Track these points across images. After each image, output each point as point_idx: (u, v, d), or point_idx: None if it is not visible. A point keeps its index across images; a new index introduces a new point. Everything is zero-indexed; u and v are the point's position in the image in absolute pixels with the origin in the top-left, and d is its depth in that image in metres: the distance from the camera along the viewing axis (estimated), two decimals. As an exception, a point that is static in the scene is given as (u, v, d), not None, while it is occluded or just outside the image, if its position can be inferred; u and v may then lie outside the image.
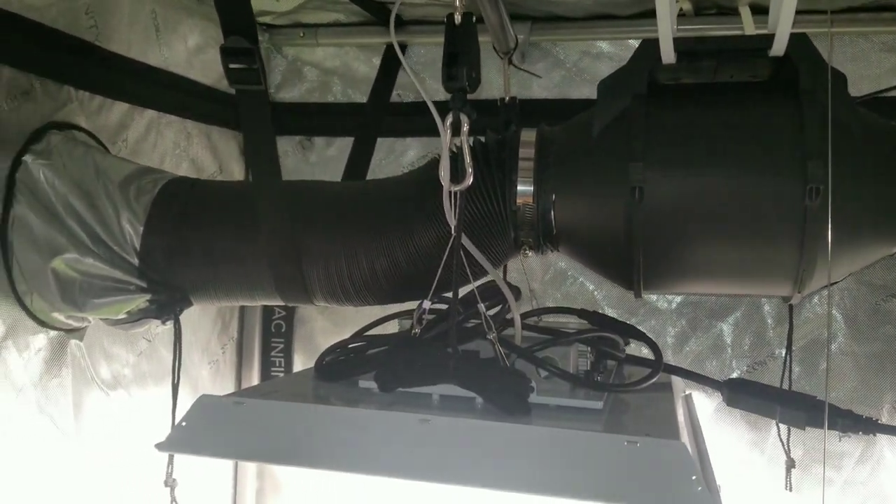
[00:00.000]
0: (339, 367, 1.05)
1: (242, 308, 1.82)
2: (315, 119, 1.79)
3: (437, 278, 0.97)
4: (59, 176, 1.13)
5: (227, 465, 1.77)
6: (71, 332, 1.24)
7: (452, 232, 0.95)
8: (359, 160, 1.57)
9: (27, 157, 1.13)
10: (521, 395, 0.89)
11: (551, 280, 1.69)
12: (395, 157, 1.77)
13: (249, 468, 1.80)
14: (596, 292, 1.69)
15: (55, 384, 1.21)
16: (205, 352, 1.67)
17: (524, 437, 0.81)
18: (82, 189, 1.14)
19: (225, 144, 1.72)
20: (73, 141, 1.21)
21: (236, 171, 1.76)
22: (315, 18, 1.72)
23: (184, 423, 0.88)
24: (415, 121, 1.73)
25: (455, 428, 0.82)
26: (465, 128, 0.95)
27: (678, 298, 1.65)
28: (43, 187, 1.13)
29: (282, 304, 1.23)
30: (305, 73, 1.82)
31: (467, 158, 0.94)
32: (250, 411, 0.88)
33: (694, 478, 0.74)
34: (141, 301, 1.16)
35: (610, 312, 1.67)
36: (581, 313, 1.14)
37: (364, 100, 1.78)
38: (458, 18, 0.92)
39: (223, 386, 1.75)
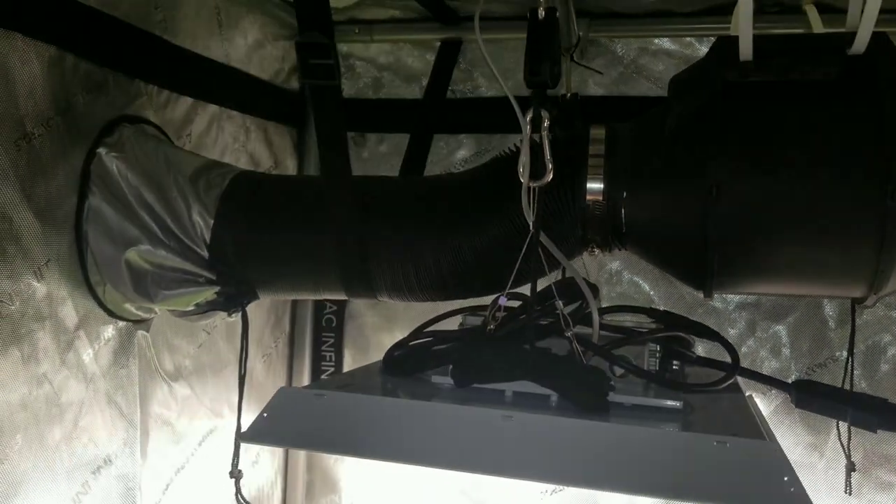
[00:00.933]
0: (409, 361, 1.05)
1: (295, 302, 1.83)
2: (368, 115, 1.80)
3: (514, 273, 0.96)
4: (131, 168, 1.15)
5: (278, 456, 1.78)
6: (138, 323, 1.25)
7: (530, 228, 0.95)
8: (416, 156, 1.57)
9: (101, 150, 1.14)
10: (601, 393, 0.88)
11: (606, 280, 1.69)
12: (447, 153, 1.76)
13: (300, 461, 1.81)
14: (652, 292, 1.68)
15: (123, 374, 1.23)
16: (259, 345, 1.68)
17: (610, 435, 0.81)
18: (154, 182, 1.15)
19: (280, 139, 1.73)
20: (144, 134, 1.22)
21: (290, 165, 1.77)
22: (371, 15, 1.72)
23: (265, 414, 0.88)
24: (468, 117, 1.73)
25: (539, 425, 0.82)
26: (546, 123, 0.95)
27: (736, 299, 1.63)
28: (116, 179, 1.14)
29: (345, 298, 1.23)
30: (358, 69, 1.83)
31: (548, 155, 0.94)
32: (331, 403, 0.88)
33: (786, 479, 0.74)
34: (209, 293, 1.17)
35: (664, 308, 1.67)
36: (650, 312, 1.14)
37: (416, 96, 1.79)
38: (541, 13, 0.92)
39: (275, 378, 1.77)
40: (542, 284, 0.96)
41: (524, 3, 1.58)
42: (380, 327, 1.82)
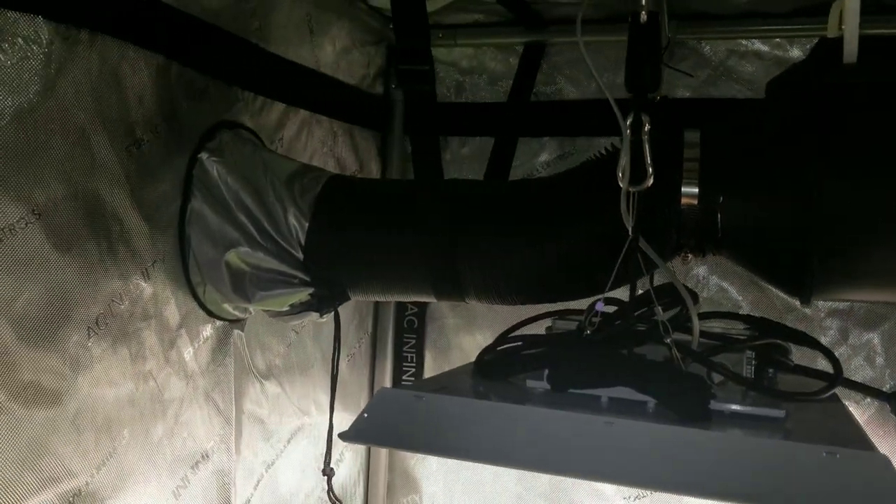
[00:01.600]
0: (503, 365, 1.06)
1: (377, 304, 1.85)
2: (451, 118, 1.81)
3: (612, 278, 0.96)
4: (231, 172, 1.18)
5: (360, 454, 1.81)
6: (234, 322, 1.29)
7: (629, 233, 0.94)
8: (501, 159, 1.58)
9: (202, 154, 1.18)
10: (702, 401, 0.87)
11: (693, 285, 1.66)
12: (530, 156, 1.76)
13: (381, 460, 1.83)
14: (741, 297, 1.65)
15: (220, 372, 1.26)
16: (343, 345, 1.70)
17: (714, 443, 0.80)
18: (252, 185, 1.18)
19: (365, 143, 1.75)
20: (241, 139, 1.25)
21: (374, 168, 1.80)
22: (455, 19, 1.73)
23: (366, 415, 0.90)
24: (552, 120, 1.73)
25: (641, 431, 0.82)
26: (647, 128, 0.94)
27: (827, 305, 1.59)
28: (216, 183, 1.18)
29: (434, 300, 1.24)
30: (441, 73, 1.84)
31: (648, 159, 0.94)
32: (430, 405, 0.89)
33: (899, 491, 0.72)
34: (304, 294, 1.20)
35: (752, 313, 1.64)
36: (747, 319, 1.12)
37: (498, 99, 1.79)
38: (643, 17, 0.92)
39: (359, 378, 1.80)
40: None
41: (609, 7, 1.57)
42: (461, 329, 1.83)
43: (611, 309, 1.00)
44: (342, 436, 0.90)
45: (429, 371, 1.85)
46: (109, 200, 1.01)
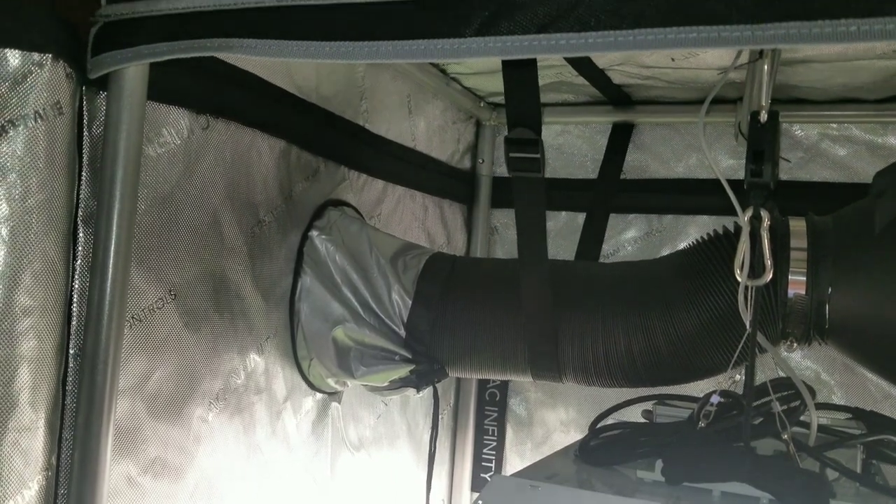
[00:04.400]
0: (611, 452, 1.06)
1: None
2: None
3: (730, 365, 0.96)
4: (339, 250, 1.22)
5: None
6: (333, 395, 1.32)
7: (747, 327, 0.95)
8: (593, 235, 1.60)
9: (313, 232, 1.23)
10: (821, 500, 0.86)
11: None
12: (616, 232, 1.78)
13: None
14: (831, 380, 1.63)
15: (319, 444, 1.29)
16: (427, 416, 1.72)
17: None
18: (358, 263, 1.22)
19: (453, 216, 1.79)
20: (348, 217, 1.30)
21: (461, 240, 1.84)
22: (546, 98, 1.78)
23: (480, 502, 0.91)
24: (641, 198, 1.74)
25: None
26: (767, 223, 0.95)
27: (927, 394, 1.56)
28: (325, 260, 1.22)
29: (531, 379, 1.25)
30: (528, 148, 1.87)
31: (767, 254, 0.95)
32: (546, 496, 0.90)
33: None
34: (404, 371, 1.22)
35: (844, 399, 1.61)
36: (856, 412, 1.11)
37: (585, 176, 1.82)
38: (763, 117, 0.94)
39: (441, 451, 1.80)
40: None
41: (698, 89, 1.60)
42: (543, 403, 1.82)
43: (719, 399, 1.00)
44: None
45: (510, 446, 1.85)
46: (233, 279, 1.06)
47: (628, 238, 1.77)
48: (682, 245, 1.72)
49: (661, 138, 1.75)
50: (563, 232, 1.80)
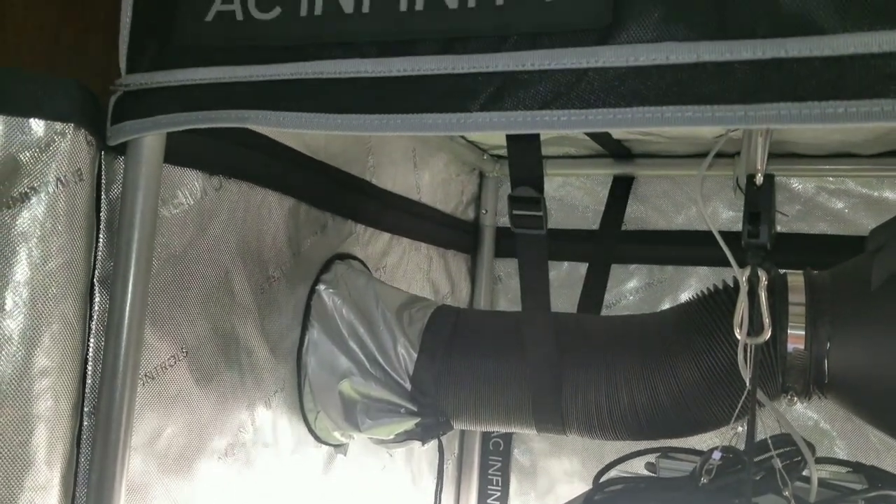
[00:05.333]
0: (615, 507, 1.07)
1: (463, 424, 1.87)
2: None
3: (733, 419, 0.97)
4: (346, 304, 1.24)
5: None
6: (339, 447, 1.33)
7: (746, 385, 0.97)
8: (595, 285, 1.63)
9: (320, 286, 1.25)
10: (825, 558, 0.87)
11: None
12: (618, 282, 1.80)
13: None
14: (833, 430, 1.63)
15: (325, 497, 1.29)
16: (431, 466, 1.73)
17: None
18: (365, 316, 1.24)
19: (457, 266, 1.82)
20: (354, 270, 1.32)
21: (465, 289, 1.86)
22: (547, 151, 1.81)
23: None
24: (642, 250, 1.77)
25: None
26: (764, 282, 0.98)
27: (927, 444, 1.56)
28: (332, 314, 1.24)
29: (535, 431, 1.27)
30: (529, 199, 1.91)
31: (765, 314, 0.97)
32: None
33: None
34: (410, 424, 1.23)
35: (845, 450, 1.62)
36: (857, 466, 1.12)
37: (585, 227, 1.85)
38: (759, 180, 0.97)
39: (445, 501, 1.80)
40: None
41: (697, 144, 1.63)
42: (547, 453, 1.83)
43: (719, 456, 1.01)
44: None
45: (514, 496, 1.85)
46: (243, 334, 1.08)
47: (630, 288, 1.80)
48: (684, 295, 1.74)
49: (662, 191, 1.78)
50: (566, 282, 1.83)
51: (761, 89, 0.59)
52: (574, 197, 1.87)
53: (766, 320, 0.96)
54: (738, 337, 0.98)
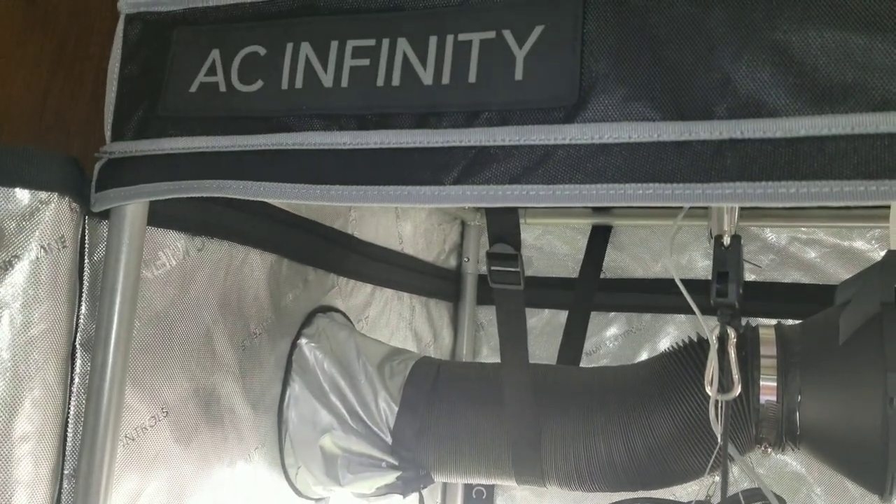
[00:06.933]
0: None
1: (445, 473, 1.88)
2: (526, 291, 1.89)
3: (706, 471, 0.99)
4: (327, 357, 1.26)
5: None
6: (320, 501, 1.33)
7: (718, 440, 0.99)
8: (575, 333, 1.65)
9: (301, 340, 1.27)
10: None
11: (757, 461, 1.67)
12: (598, 329, 1.82)
13: None
14: (809, 475, 1.65)
15: (305, 550, 1.30)
16: (413, 515, 1.73)
17: None
18: (346, 370, 1.25)
19: (439, 314, 1.84)
20: (336, 323, 1.34)
21: (447, 336, 1.88)
22: (525, 211, 1.85)
23: None
24: (621, 298, 1.80)
25: None
26: (733, 340, 1.00)
27: (904, 493, 1.58)
28: (313, 368, 1.25)
29: (515, 483, 1.28)
30: (509, 247, 1.94)
31: (734, 371, 0.99)
32: None
33: None
34: (391, 477, 1.24)
35: (823, 497, 1.63)
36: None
37: (565, 276, 1.88)
38: (726, 240, 1.00)
39: (427, 550, 1.80)
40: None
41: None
42: (530, 501, 1.83)
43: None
44: None
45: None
46: (224, 392, 1.09)
47: (610, 335, 1.82)
48: (662, 342, 1.77)
49: (639, 239, 1.82)
50: (545, 329, 1.85)
51: (719, 169, 0.62)
52: (554, 245, 1.90)
53: (736, 377, 0.99)
54: (710, 393, 1.00)
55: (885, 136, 0.58)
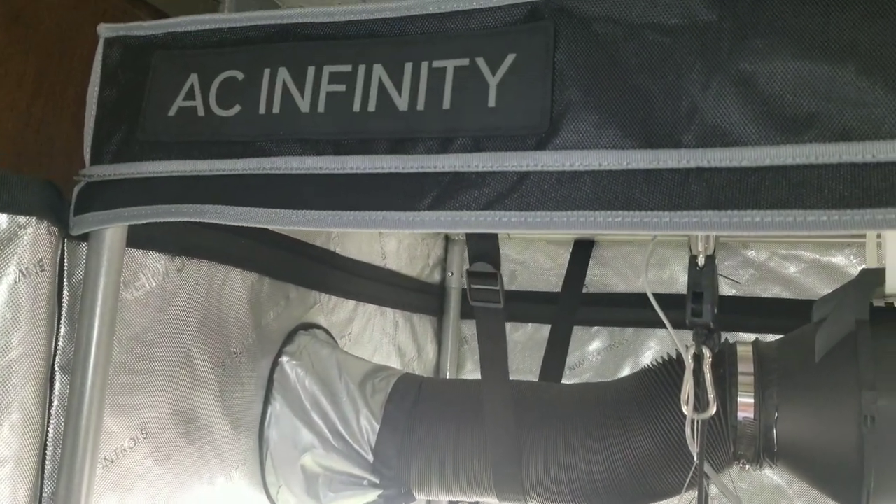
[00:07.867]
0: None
1: (430, 489, 1.88)
2: (509, 305, 1.90)
3: (684, 489, 1.00)
4: (308, 375, 1.26)
5: None
6: (302, 518, 1.33)
7: (694, 459, 1.00)
8: (558, 347, 1.66)
9: (283, 358, 1.27)
10: None
11: (738, 476, 1.68)
12: (581, 344, 1.83)
13: None
14: (790, 490, 1.66)
15: (287, 569, 1.29)
16: (397, 532, 1.73)
17: None
18: (328, 388, 1.26)
19: (423, 329, 1.85)
20: (318, 340, 1.34)
21: (431, 351, 1.88)
22: (509, 216, 1.86)
23: None
24: (604, 312, 1.81)
25: None
26: (708, 359, 1.01)
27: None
28: (295, 386, 1.26)
29: (496, 501, 1.28)
30: (494, 262, 1.95)
31: (710, 391, 1.00)
32: None
33: None
34: (372, 496, 1.25)
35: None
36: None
37: (547, 290, 1.89)
38: (701, 260, 1.01)
39: (411, 566, 1.79)
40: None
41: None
42: (513, 516, 1.84)
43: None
44: None
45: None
46: (204, 411, 1.09)
47: (592, 350, 1.83)
48: (645, 356, 1.78)
49: (621, 254, 1.83)
50: (528, 343, 1.86)
51: (686, 197, 0.63)
52: (537, 260, 1.91)
53: (711, 397, 1.00)
54: (686, 412, 1.01)
55: (847, 165, 0.59)
